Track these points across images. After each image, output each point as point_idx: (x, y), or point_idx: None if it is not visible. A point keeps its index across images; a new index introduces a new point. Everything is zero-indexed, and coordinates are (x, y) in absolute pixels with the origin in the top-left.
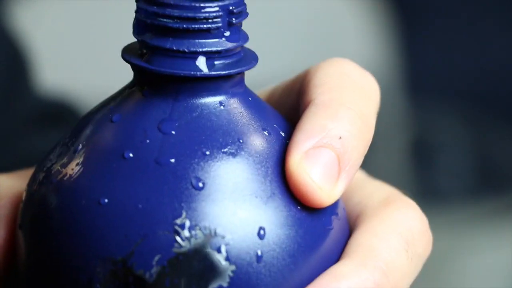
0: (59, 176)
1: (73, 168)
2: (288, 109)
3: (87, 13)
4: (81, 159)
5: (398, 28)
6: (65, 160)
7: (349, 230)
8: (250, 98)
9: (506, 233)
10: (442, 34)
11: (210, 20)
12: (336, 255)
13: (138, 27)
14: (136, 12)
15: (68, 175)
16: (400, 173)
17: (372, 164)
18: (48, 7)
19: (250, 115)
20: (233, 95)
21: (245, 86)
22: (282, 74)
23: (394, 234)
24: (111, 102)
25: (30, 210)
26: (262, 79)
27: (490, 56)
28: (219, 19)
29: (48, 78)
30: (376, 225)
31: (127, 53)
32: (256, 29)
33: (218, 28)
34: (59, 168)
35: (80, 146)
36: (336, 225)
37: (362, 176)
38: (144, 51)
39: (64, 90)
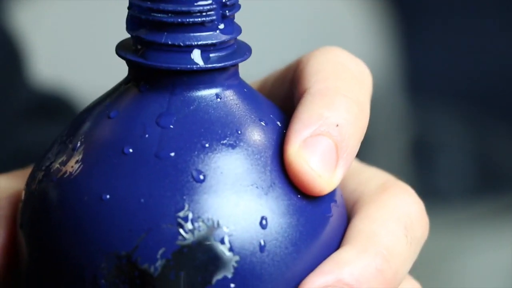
0: (59, 174)
1: (73, 165)
2: (281, 98)
3: (84, 8)
4: (81, 156)
5: (398, 28)
6: (64, 158)
7: (347, 216)
8: (245, 90)
9: (506, 233)
10: (442, 34)
11: (204, 13)
12: (336, 242)
13: (132, 23)
14: (129, 8)
15: (68, 173)
16: (400, 173)
17: (372, 164)
18: (45, 3)
19: (246, 106)
20: (228, 87)
21: (240, 77)
22: None
23: (393, 219)
24: (107, 99)
25: (31, 209)
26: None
27: (490, 56)
28: (213, 12)
29: (43, 71)
30: (375, 211)
31: (122, 49)
32: (255, 29)
33: (212, 21)
34: (58, 166)
35: (79, 144)
36: (335, 212)
37: (356, 163)
38: (139, 46)
39: (60, 83)
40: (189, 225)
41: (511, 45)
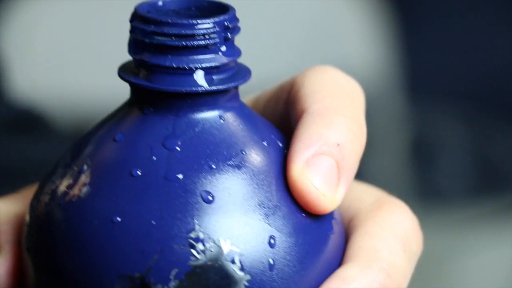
0: (67, 198)
1: (81, 188)
2: (275, 118)
3: (66, 21)
4: (88, 180)
5: (398, 28)
6: (70, 181)
7: (345, 233)
8: (246, 111)
9: (506, 233)
10: (442, 34)
11: (207, 36)
12: (338, 259)
13: (135, 46)
14: (131, 32)
15: (76, 196)
16: (400, 173)
17: (372, 164)
18: (26, 16)
19: (248, 127)
20: (230, 109)
21: (240, 99)
22: (282, 74)
23: (392, 235)
24: (111, 121)
25: (38, 233)
26: (262, 79)
27: (490, 56)
28: (216, 35)
29: (20, 85)
30: (373, 227)
31: (124, 72)
32: (256, 29)
33: (215, 43)
34: (65, 189)
35: (85, 167)
36: (336, 229)
37: None
38: (143, 69)
39: (36, 98)
40: (200, 246)
41: (511, 45)
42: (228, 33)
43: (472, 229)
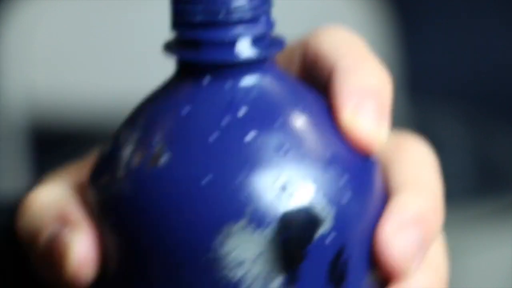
0: (146, 169)
1: (157, 160)
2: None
3: (64, 22)
4: (163, 151)
5: (398, 28)
6: (145, 153)
7: None
8: (286, 73)
9: (506, 233)
10: (443, 34)
11: (254, 9)
12: (384, 190)
13: (183, 25)
14: (177, 12)
15: (155, 167)
16: None
17: None
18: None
19: (294, 86)
20: (275, 72)
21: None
22: None
23: (425, 164)
24: (163, 96)
25: (120, 206)
26: None
27: (491, 56)
28: (260, 8)
29: (20, 85)
30: (408, 161)
31: (172, 49)
32: None
33: (259, 15)
34: (142, 161)
35: (156, 140)
36: (379, 164)
37: None
38: (193, 45)
39: (36, 98)
40: (287, 192)
41: (511, 45)
42: (267, 5)
43: (472, 229)
